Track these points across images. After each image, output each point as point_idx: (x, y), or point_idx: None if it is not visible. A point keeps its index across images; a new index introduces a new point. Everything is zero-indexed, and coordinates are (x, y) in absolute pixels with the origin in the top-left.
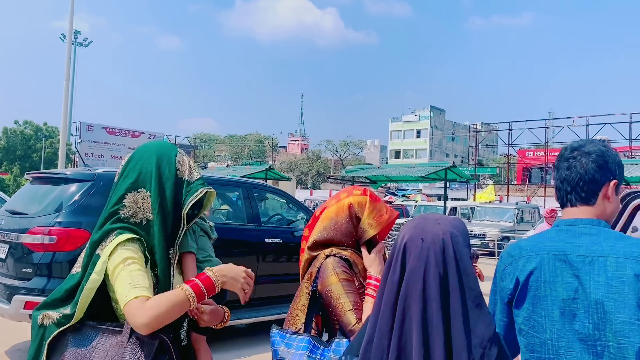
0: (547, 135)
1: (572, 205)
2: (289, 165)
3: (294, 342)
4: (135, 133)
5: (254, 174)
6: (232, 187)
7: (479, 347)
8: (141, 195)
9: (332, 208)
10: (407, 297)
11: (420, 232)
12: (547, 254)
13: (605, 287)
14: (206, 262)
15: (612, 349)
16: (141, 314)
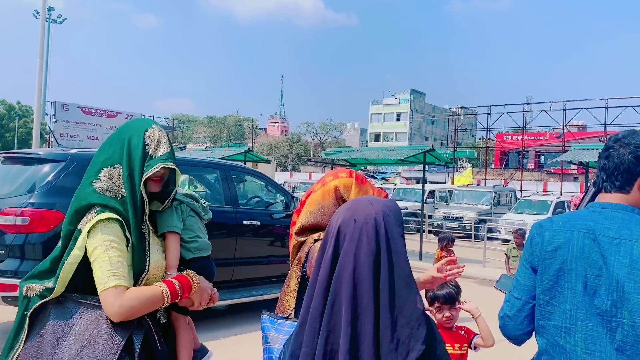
0: (525, 119)
1: (606, 192)
2: (268, 147)
3: (284, 328)
4: (112, 113)
5: (232, 156)
6: (210, 169)
7: (406, 326)
8: (117, 171)
9: (318, 192)
10: (339, 278)
11: (353, 213)
12: (577, 231)
13: (628, 268)
14: (192, 242)
15: (626, 326)
16: (118, 304)
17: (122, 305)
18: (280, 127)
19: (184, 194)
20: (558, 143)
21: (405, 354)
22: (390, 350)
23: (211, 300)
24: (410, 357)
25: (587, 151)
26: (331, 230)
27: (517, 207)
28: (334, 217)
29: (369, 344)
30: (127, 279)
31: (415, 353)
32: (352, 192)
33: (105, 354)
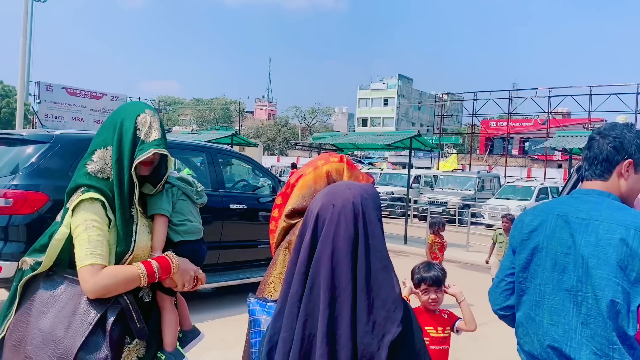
0: (510, 106)
1: (587, 180)
2: (255, 131)
3: None
4: (97, 94)
5: (219, 139)
6: (196, 152)
7: (382, 309)
8: (109, 153)
9: (310, 176)
10: (317, 262)
11: (332, 198)
12: (552, 214)
13: (593, 246)
14: (181, 225)
15: (589, 300)
16: (93, 282)
17: (96, 283)
18: (267, 110)
19: (177, 177)
20: (543, 130)
21: (381, 336)
22: (366, 332)
23: (198, 282)
24: (386, 339)
25: (571, 138)
26: (310, 216)
27: (501, 192)
28: (312, 202)
29: (346, 326)
30: (105, 257)
31: (390, 335)
32: (344, 176)
33: (79, 328)
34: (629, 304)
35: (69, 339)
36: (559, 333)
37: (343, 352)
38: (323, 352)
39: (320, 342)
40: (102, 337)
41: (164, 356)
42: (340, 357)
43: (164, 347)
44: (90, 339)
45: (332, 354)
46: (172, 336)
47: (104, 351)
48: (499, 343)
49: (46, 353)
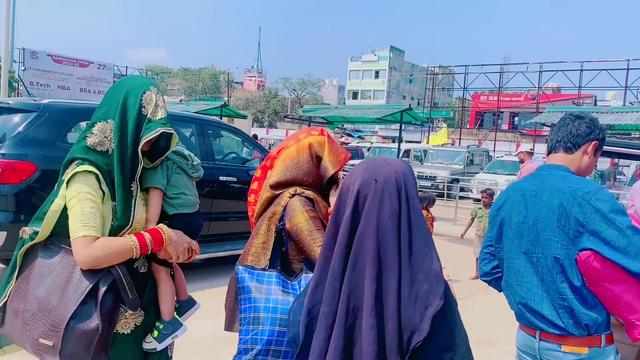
0: (501, 80)
1: (555, 152)
2: (245, 102)
3: (264, 278)
4: (83, 62)
5: (208, 110)
6: (185, 123)
7: (425, 282)
8: (109, 126)
9: (293, 148)
10: (361, 237)
11: (372, 173)
12: (513, 190)
13: (539, 212)
14: (176, 198)
15: (541, 259)
16: (85, 253)
17: (87, 255)
18: (257, 81)
19: (173, 151)
20: (532, 105)
21: (423, 308)
22: (409, 304)
23: (193, 254)
24: (428, 312)
25: (560, 113)
26: (349, 191)
27: (490, 167)
28: (348, 178)
29: (392, 299)
30: (98, 229)
31: (433, 308)
32: (325, 149)
33: (71, 297)
34: (570, 258)
35: (61, 307)
36: (524, 291)
37: (390, 323)
38: (372, 324)
39: (368, 314)
40: (94, 307)
41: (162, 325)
42: (387, 328)
43: (161, 317)
44: (81, 308)
45: (380, 325)
46: (169, 306)
47: (95, 320)
48: (485, 313)
49: (40, 320)
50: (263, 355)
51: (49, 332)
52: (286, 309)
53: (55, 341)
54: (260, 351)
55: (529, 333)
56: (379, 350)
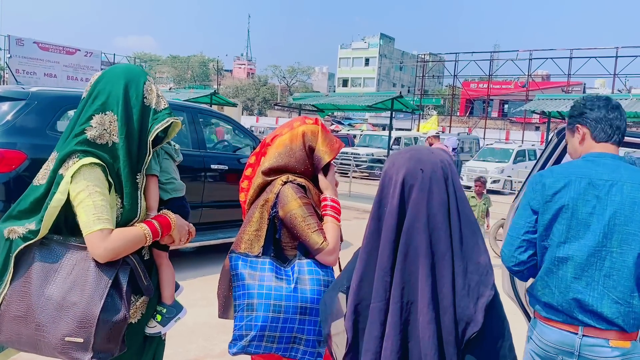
0: (491, 68)
1: (601, 142)
2: (234, 90)
3: (258, 265)
4: (70, 50)
5: (198, 99)
6: (176, 112)
7: (475, 273)
8: (108, 118)
9: (287, 136)
10: (410, 229)
11: (417, 163)
12: (575, 177)
13: (619, 204)
14: (169, 183)
15: (614, 254)
16: (104, 246)
17: (107, 248)
18: (246, 69)
19: None
20: (522, 92)
21: (475, 299)
22: (462, 295)
23: (190, 235)
24: (481, 302)
25: (549, 101)
26: (392, 182)
27: (480, 154)
28: (390, 168)
29: (448, 291)
30: (111, 221)
31: (485, 299)
32: (318, 138)
33: (94, 290)
34: None
35: (85, 303)
36: (582, 285)
37: (446, 316)
38: (430, 318)
39: (426, 308)
40: (118, 298)
41: (165, 309)
42: (444, 321)
43: (163, 301)
44: (107, 301)
45: (437, 319)
46: (171, 290)
47: (123, 311)
48: None
49: (63, 319)
50: (258, 341)
51: (76, 329)
52: (279, 295)
53: (85, 337)
54: (255, 337)
55: (568, 330)
56: (438, 343)
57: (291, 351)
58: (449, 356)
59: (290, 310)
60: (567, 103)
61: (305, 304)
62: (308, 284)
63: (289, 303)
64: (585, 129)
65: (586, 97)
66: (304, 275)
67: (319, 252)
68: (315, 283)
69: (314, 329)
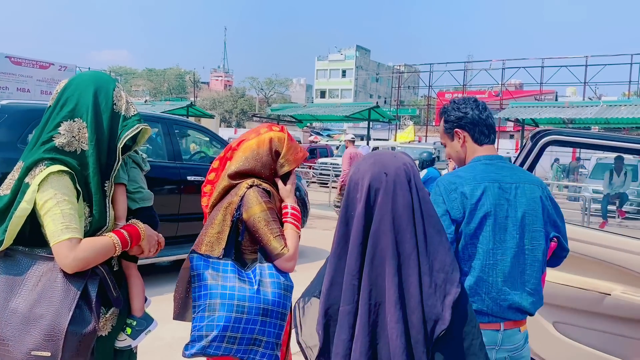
0: (465, 77)
1: (484, 144)
2: (211, 102)
3: (220, 267)
4: (43, 64)
5: (174, 111)
6: (151, 123)
7: (441, 271)
8: (77, 125)
9: (254, 141)
10: (377, 232)
11: (381, 167)
12: (489, 183)
13: (526, 205)
14: (137, 192)
15: (527, 251)
16: (73, 256)
17: (75, 258)
18: (223, 81)
19: None
20: (496, 101)
21: (442, 297)
22: (430, 294)
23: (159, 246)
24: (447, 300)
25: (522, 109)
26: (358, 186)
27: None
28: (355, 172)
29: (415, 291)
30: (80, 230)
31: (452, 296)
32: (284, 145)
33: (62, 302)
34: (547, 249)
35: (53, 315)
36: (509, 286)
37: (414, 315)
38: (398, 317)
39: (393, 308)
40: (87, 310)
41: (135, 322)
42: (412, 320)
43: (133, 313)
44: (76, 312)
45: (404, 318)
46: (141, 302)
47: (92, 323)
48: None
49: (29, 333)
50: (218, 342)
51: (43, 343)
52: (243, 296)
53: (53, 350)
54: (216, 337)
55: (492, 328)
56: (406, 342)
57: (250, 353)
58: (417, 355)
59: (253, 311)
60: (540, 110)
61: (267, 305)
62: (270, 287)
63: (252, 304)
64: (464, 132)
65: (457, 100)
66: (265, 279)
67: (278, 258)
68: (276, 286)
69: (274, 332)
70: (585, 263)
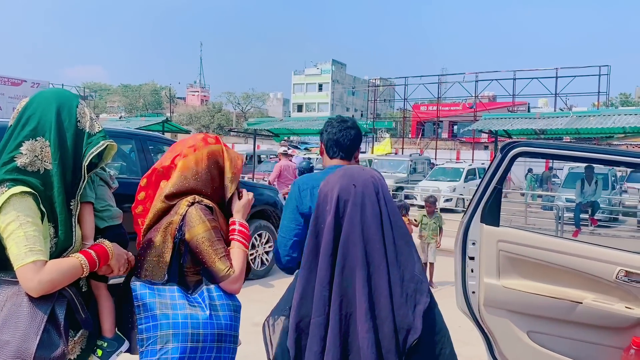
0: (439, 90)
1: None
2: (188, 117)
3: (166, 293)
4: (15, 81)
5: (149, 126)
6: (124, 139)
7: (411, 281)
8: (40, 144)
9: (191, 157)
10: (346, 243)
11: (350, 179)
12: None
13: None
14: (105, 211)
15: None
16: (37, 279)
17: (41, 281)
18: (200, 96)
19: None
20: (470, 113)
21: (413, 306)
22: (401, 304)
23: (129, 264)
24: (418, 309)
25: (495, 120)
26: (328, 199)
27: (432, 174)
28: (325, 185)
29: (385, 300)
30: (45, 252)
31: (422, 306)
32: (224, 158)
33: (29, 326)
34: None
35: (19, 340)
36: None
37: (385, 325)
38: (368, 327)
39: (364, 318)
40: (56, 333)
41: (106, 343)
42: (383, 330)
43: (103, 334)
44: (43, 337)
45: (375, 328)
46: (111, 323)
47: (61, 347)
48: None
49: None
50: None
51: None
52: (197, 323)
53: None
54: None
55: None
56: (377, 352)
57: None
58: None
59: (209, 338)
60: (512, 122)
61: (221, 330)
62: (220, 310)
63: (207, 330)
64: (323, 145)
65: (331, 118)
66: (215, 301)
67: (223, 280)
68: (227, 309)
69: (229, 356)
70: (557, 272)
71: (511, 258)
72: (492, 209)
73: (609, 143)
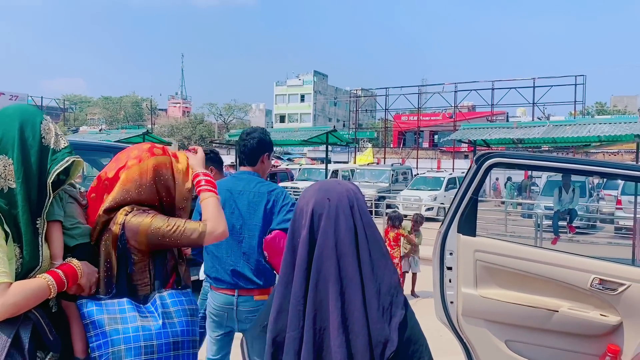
0: (420, 100)
1: (243, 165)
2: (170, 129)
3: (115, 307)
4: None
5: (130, 139)
6: (103, 152)
7: (387, 294)
8: (2, 162)
9: (135, 169)
10: (320, 257)
11: (325, 193)
12: (223, 189)
13: (246, 206)
14: (75, 228)
15: (246, 240)
16: (2, 302)
17: (5, 304)
18: (181, 108)
19: None
20: (450, 123)
21: (389, 319)
22: (377, 317)
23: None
24: (394, 322)
25: (474, 130)
26: (303, 213)
27: (413, 183)
28: (301, 200)
29: (359, 314)
30: (9, 274)
31: (397, 318)
32: (173, 169)
33: None
34: None
35: None
36: (233, 260)
37: (359, 339)
38: (341, 342)
39: (336, 332)
40: (20, 358)
41: None
42: (356, 345)
43: (75, 355)
44: None
45: (348, 342)
46: (83, 343)
47: None
48: None
49: None
50: None
51: None
52: (149, 334)
53: None
54: None
55: (228, 293)
56: None
57: None
58: None
59: (164, 348)
60: (490, 131)
61: (177, 338)
62: (175, 317)
63: (161, 341)
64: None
65: (242, 131)
66: (168, 309)
67: (203, 238)
68: (182, 314)
69: None
70: (533, 281)
71: (488, 268)
72: (468, 219)
73: (586, 151)
